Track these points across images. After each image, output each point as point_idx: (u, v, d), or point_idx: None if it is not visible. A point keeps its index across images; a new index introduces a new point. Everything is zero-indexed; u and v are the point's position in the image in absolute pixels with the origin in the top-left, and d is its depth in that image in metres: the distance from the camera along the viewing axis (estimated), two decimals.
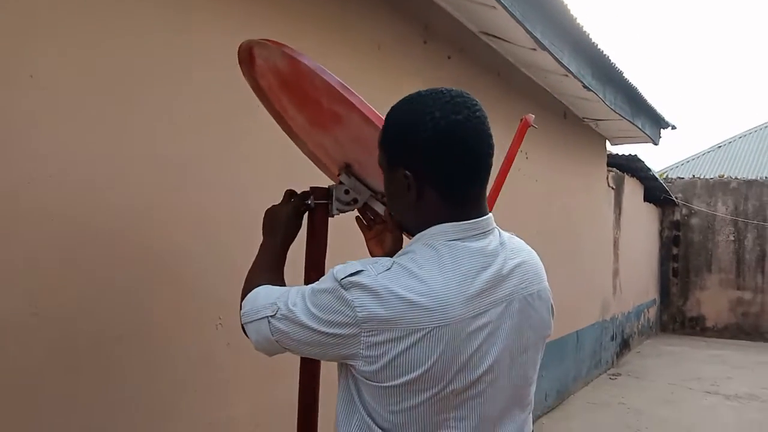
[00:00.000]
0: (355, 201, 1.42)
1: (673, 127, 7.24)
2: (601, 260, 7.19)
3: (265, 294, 1.15)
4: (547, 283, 1.16)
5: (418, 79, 3.27)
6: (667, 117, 7.00)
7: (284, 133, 1.64)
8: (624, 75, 5.34)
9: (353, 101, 1.19)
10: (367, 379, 1.00)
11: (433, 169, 1.03)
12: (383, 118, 1.14)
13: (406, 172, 1.03)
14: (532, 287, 1.10)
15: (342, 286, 0.98)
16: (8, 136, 1.49)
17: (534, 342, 1.11)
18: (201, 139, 2.00)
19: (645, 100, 6.19)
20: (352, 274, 0.99)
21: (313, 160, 1.67)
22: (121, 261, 1.74)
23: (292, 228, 1.39)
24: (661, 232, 11.09)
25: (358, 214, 1.48)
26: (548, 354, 4.86)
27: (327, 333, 1.00)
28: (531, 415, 1.20)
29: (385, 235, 1.41)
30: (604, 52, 4.76)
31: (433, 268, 0.99)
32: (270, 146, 2.24)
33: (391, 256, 1.34)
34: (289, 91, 1.46)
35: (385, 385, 0.98)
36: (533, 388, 1.17)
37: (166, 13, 1.88)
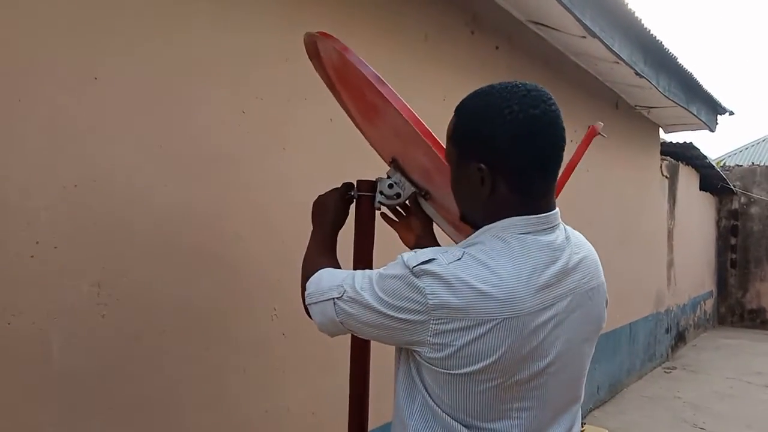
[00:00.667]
0: (399, 196, 1.43)
1: (731, 113, 6.99)
2: (655, 251, 7.02)
3: (329, 276, 1.17)
4: (603, 278, 1.17)
5: (466, 70, 3.26)
6: (724, 102, 6.77)
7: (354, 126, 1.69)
8: (678, 60, 5.18)
9: (384, 93, 1.19)
10: (431, 365, 1.02)
11: (508, 163, 1.03)
12: (414, 113, 1.16)
13: (481, 165, 1.03)
14: (592, 282, 1.11)
15: (413, 274, 1.00)
16: (75, 132, 1.57)
17: (590, 335, 1.13)
18: (255, 135, 2.04)
19: (700, 86, 5.99)
20: (423, 263, 1.00)
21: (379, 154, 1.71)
22: (181, 255, 1.81)
23: (338, 214, 1.43)
24: (718, 222, 10.74)
25: (384, 210, 1.50)
26: (601, 346, 4.79)
27: (396, 318, 1.02)
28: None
29: (411, 220, 1.48)
30: (657, 38, 4.63)
31: (504, 260, 1.00)
32: (317, 138, 2.28)
33: (423, 240, 1.36)
34: (343, 84, 1.50)
35: (451, 372, 1.00)
36: (584, 381, 1.16)
37: (219, 10, 1.93)
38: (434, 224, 1.52)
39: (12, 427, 1.45)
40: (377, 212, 1.48)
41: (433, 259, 1.00)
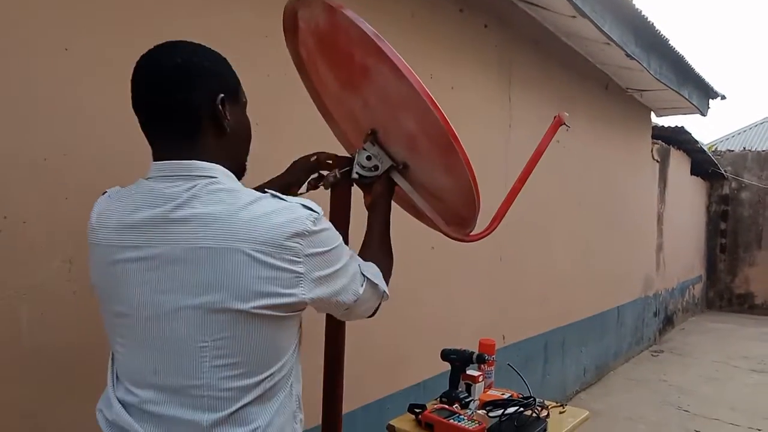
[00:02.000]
0: (376, 168, 1.41)
1: (723, 97, 6.96)
2: (644, 235, 7.03)
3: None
4: (243, 246, 0.97)
5: (454, 49, 3.22)
6: (717, 87, 6.74)
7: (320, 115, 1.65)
8: (669, 43, 5.14)
9: (384, 49, 1.17)
10: None
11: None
12: (414, 73, 1.13)
13: None
14: (209, 242, 0.97)
15: None
16: (45, 105, 1.52)
17: (201, 300, 0.98)
18: None
19: (692, 69, 5.96)
20: None
21: (343, 143, 1.68)
22: None
23: None
24: (708, 207, 10.77)
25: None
26: (588, 329, 4.83)
27: None
28: None
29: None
30: (648, 19, 4.59)
31: (117, 197, 1.08)
32: (294, 115, 2.24)
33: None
34: (325, 52, 1.46)
35: None
36: (201, 362, 1.02)
37: None
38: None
39: None
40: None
41: None
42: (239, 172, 1.13)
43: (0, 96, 1.44)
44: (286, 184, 1.49)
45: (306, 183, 1.50)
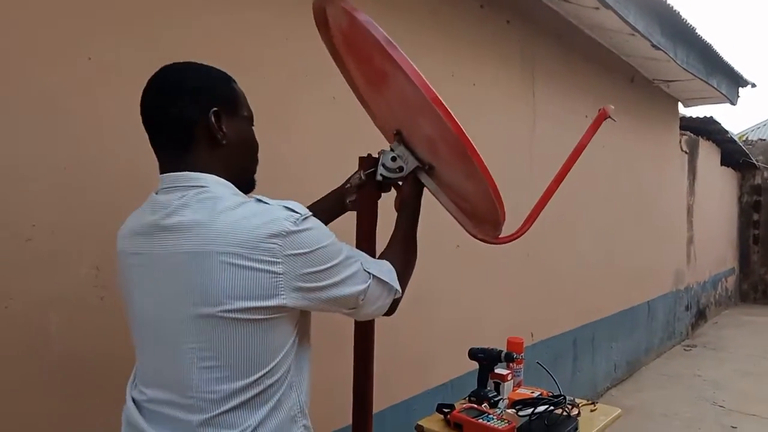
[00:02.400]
0: (401, 169, 1.38)
1: (753, 85, 6.80)
2: (674, 228, 6.90)
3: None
4: (219, 248, 0.98)
5: (475, 45, 3.19)
6: (746, 74, 6.58)
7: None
8: (696, 31, 5.03)
9: (395, 56, 1.14)
10: None
11: None
12: (424, 78, 1.11)
13: None
14: (191, 247, 1.00)
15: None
16: (69, 117, 1.54)
17: (188, 305, 1.00)
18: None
19: (720, 58, 5.83)
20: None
21: (385, 136, 1.66)
22: None
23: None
24: (740, 198, 10.52)
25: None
26: (618, 324, 4.74)
27: None
28: None
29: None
30: (674, 8, 4.49)
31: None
32: (318, 118, 2.23)
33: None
34: (351, 50, 1.45)
35: None
36: (190, 369, 1.04)
37: None
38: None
39: (11, 414, 1.45)
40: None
41: None
42: (244, 183, 1.16)
43: (25, 104, 1.46)
44: (340, 190, 1.51)
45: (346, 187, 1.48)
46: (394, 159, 1.38)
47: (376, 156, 1.42)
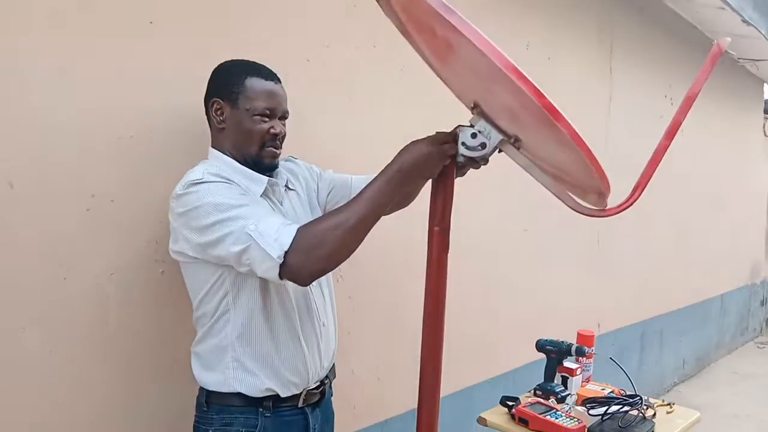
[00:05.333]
0: (484, 146, 1.24)
1: None
2: (752, 217, 6.52)
3: None
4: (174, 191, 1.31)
5: (552, 15, 3.01)
6: None
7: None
8: None
9: (453, 22, 1.00)
10: None
11: None
12: (493, 43, 0.98)
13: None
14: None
15: None
16: (129, 84, 1.49)
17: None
18: (320, 84, 1.92)
19: None
20: None
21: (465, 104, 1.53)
22: None
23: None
24: None
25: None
26: (688, 318, 4.48)
27: None
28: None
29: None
30: None
31: None
32: (385, 89, 2.15)
33: None
34: (414, 24, 1.33)
35: None
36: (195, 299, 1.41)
37: None
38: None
39: (71, 384, 1.43)
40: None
41: None
42: (249, 162, 1.39)
43: (85, 72, 1.41)
44: None
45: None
46: (474, 135, 1.24)
47: (454, 131, 1.28)
